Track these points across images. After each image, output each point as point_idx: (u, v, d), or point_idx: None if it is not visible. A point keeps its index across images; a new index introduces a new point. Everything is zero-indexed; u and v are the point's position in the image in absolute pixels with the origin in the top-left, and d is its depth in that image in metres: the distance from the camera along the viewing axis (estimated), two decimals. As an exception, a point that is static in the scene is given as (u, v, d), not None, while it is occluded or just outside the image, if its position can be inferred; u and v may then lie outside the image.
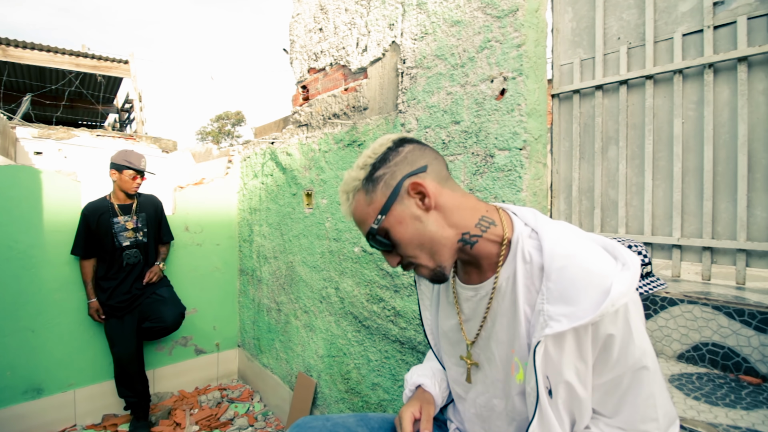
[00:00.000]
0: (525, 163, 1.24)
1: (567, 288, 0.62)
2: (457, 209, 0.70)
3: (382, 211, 0.68)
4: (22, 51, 4.48)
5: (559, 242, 0.65)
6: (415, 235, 0.69)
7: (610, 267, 0.61)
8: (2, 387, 2.14)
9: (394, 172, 0.69)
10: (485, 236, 0.71)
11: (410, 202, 0.69)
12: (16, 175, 2.20)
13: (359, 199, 0.71)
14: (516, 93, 1.25)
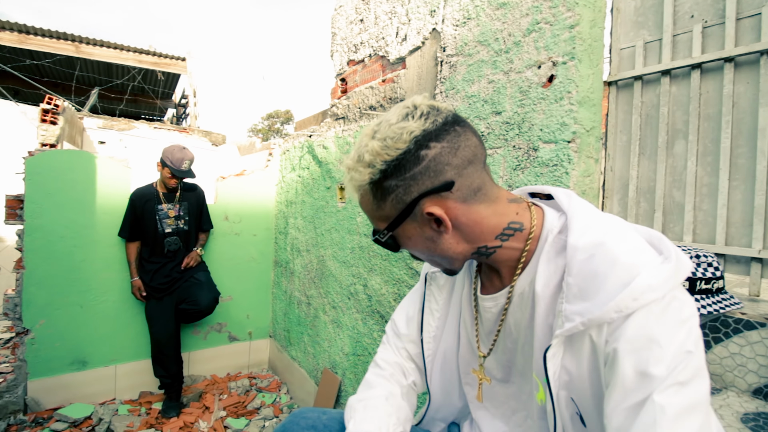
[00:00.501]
0: (573, 158, 1.11)
1: (588, 281, 0.51)
2: (480, 223, 0.59)
3: (391, 225, 0.59)
4: (92, 48, 4.88)
5: (588, 231, 0.54)
6: (425, 251, 0.62)
7: (646, 258, 0.49)
8: (52, 357, 2.29)
9: (409, 186, 0.55)
10: (506, 245, 0.60)
11: (424, 224, 0.58)
12: (73, 159, 2.35)
13: (366, 198, 0.60)
14: (566, 79, 1.12)
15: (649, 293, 0.46)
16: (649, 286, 0.46)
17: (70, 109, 3.68)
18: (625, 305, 0.46)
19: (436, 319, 0.77)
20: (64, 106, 3.39)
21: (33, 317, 2.23)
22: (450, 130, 0.56)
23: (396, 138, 0.54)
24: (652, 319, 0.46)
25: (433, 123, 0.55)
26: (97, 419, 2.20)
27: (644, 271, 0.47)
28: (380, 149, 0.55)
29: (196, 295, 2.40)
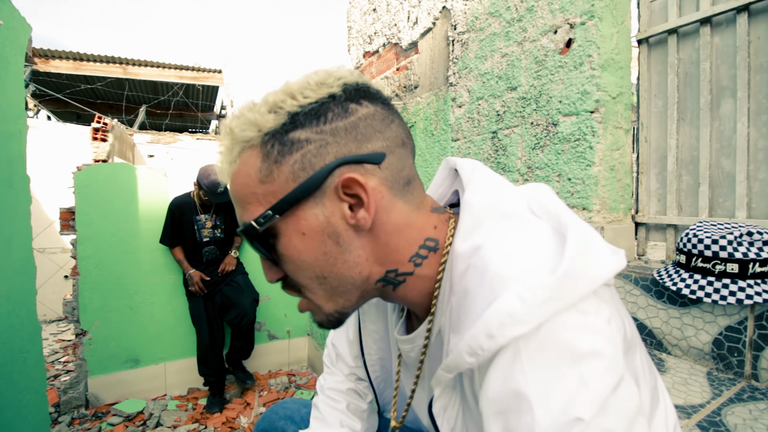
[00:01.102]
0: (598, 130, 0.99)
1: (460, 304, 0.37)
2: (400, 232, 0.43)
3: (279, 204, 0.40)
4: (138, 68, 5.25)
5: (474, 229, 0.39)
6: (320, 260, 0.41)
7: (524, 265, 0.34)
8: (108, 356, 2.46)
9: (325, 144, 0.39)
10: (417, 272, 0.44)
11: (335, 206, 0.40)
12: (115, 171, 2.51)
13: (248, 162, 0.41)
14: (585, 42, 1.00)
15: (511, 327, 0.31)
16: (511, 315, 0.31)
17: (119, 126, 3.96)
18: (479, 346, 0.32)
19: (376, 341, 0.62)
20: (112, 124, 3.66)
21: (89, 319, 2.41)
22: (384, 101, 0.44)
23: (320, 81, 0.41)
24: (519, 363, 0.31)
25: (367, 84, 0.44)
26: (148, 414, 2.34)
27: (509, 289, 0.32)
28: (296, 89, 0.40)
29: (236, 299, 2.50)
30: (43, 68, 4.86)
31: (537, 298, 0.31)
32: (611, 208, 1.03)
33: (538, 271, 0.33)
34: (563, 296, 0.31)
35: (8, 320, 1.22)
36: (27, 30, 1.41)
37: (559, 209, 0.39)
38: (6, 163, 1.24)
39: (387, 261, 0.43)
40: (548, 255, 0.34)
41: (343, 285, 0.43)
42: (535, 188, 0.45)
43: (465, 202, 0.42)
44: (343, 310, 0.45)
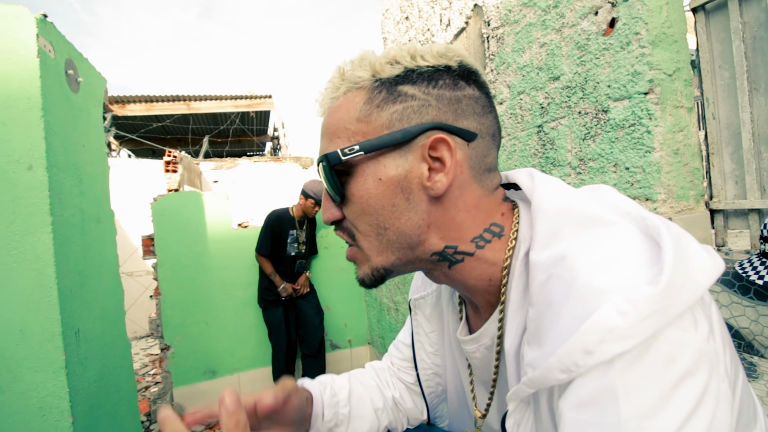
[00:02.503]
0: (654, 112, 0.91)
1: (543, 315, 0.35)
2: (468, 213, 0.43)
3: (367, 144, 0.41)
4: (199, 103, 5.77)
5: (553, 238, 0.37)
6: (386, 209, 0.42)
7: (619, 276, 0.31)
8: (189, 368, 2.69)
9: (428, 104, 0.41)
10: (479, 254, 0.43)
11: (416, 164, 0.41)
12: (185, 199, 2.75)
13: (352, 100, 0.42)
14: (631, 19, 0.93)
15: (612, 344, 0.28)
16: (611, 331, 0.28)
17: (186, 157, 4.35)
18: (574, 362, 0.30)
19: (430, 355, 0.61)
20: (181, 156, 4.02)
21: (171, 335, 2.65)
22: (488, 93, 0.46)
23: (441, 52, 0.43)
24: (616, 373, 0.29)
25: (479, 72, 0.45)
26: (227, 422, 2.51)
27: (608, 303, 0.29)
28: (418, 51, 0.42)
29: (307, 315, 2.68)
30: (120, 113, 5.50)
31: (640, 312, 0.28)
32: (679, 196, 0.93)
33: (635, 282, 0.30)
34: (667, 310, 0.29)
35: (102, 339, 1.39)
36: (103, 83, 1.61)
37: (640, 209, 0.37)
38: (93, 202, 1.42)
39: (448, 236, 0.43)
40: (643, 263, 0.31)
41: (399, 241, 0.43)
42: (595, 190, 0.43)
43: (537, 209, 0.40)
44: (390, 266, 0.44)
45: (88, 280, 1.33)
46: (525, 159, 1.32)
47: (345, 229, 0.46)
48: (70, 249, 1.23)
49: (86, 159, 1.40)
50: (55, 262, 1.13)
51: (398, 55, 0.42)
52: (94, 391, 1.29)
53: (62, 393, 1.15)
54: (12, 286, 1.11)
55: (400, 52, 0.43)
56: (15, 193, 1.11)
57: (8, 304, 1.10)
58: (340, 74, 0.44)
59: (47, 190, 1.13)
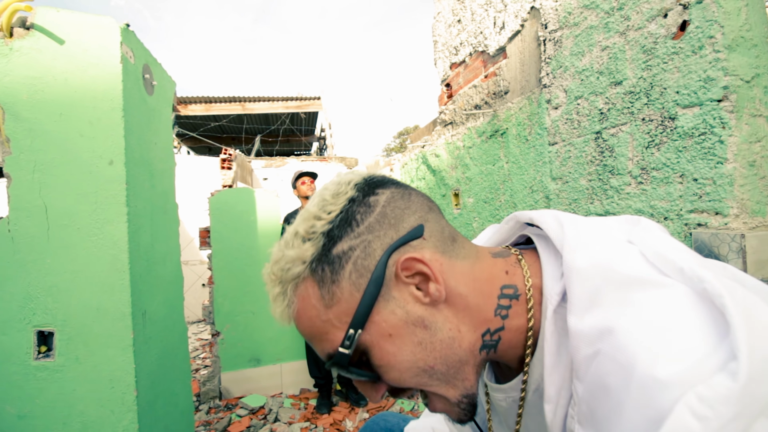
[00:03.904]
0: (729, 120, 0.85)
1: (597, 400, 0.32)
2: (473, 291, 0.41)
3: (356, 320, 0.39)
4: (253, 104, 6.07)
5: (593, 302, 0.34)
6: (418, 353, 0.39)
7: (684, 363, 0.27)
8: (235, 354, 2.84)
9: (368, 244, 0.40)
10: (508, 326, 0.41)
11: (404, 293, 0.40)
12: (238, 194, 2.91)
13: (306, 295, 0.40)
14: (704, 22, 0.87)
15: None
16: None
17: (240, 155, 4.59)
18: None
19: None
20: (235, 154, 4.26)
21: (222, 322, 2.82)
22: (390, 181, 0.44)
23: (334, 192, 0.42)
24: None
25: (372, 176, 0.45)
26: (268, 409, 2.62)
27: (681, 404, 0.26)
28: (317, 211, 0.41)
29: None
30: (183, 112, 5.91)
31: (722, 417, 0.25)
32: (754, 211, 0.86)
33: (706, 371, 0.26)
34: (751, 407, 0.25)
35: (164, 322, 1.51)
36: (172, 85, 1.74)
37: (692, 264, 0.32)
38: (162, 195, 1.55)
39: (477, 325, 0.41)
40: (708, 341, 0.28)
41: (452, 366, 0.41)
42: (635, 224, 0.39)
43: (570, 267, 0.37)
44: (468, 392, 0.42)
45: (155, 266, 1.45)
46: (580, 166, 1.27)
47: (401, 390, 0.43)
48: (141, 237, 1.35)
49: (157, 155, 1.52)
50: (129, 249, 1.25)
51: (308, 228, 0.41)
52: (155, 369, 1.41)
53: (129, 368, 1.26)
54: (91, 269, 1.23)
55: (306, 225, 0.41)
56: (97, 185, 1.24)
57: (88, 285, 1.23)
58: (278, 281, 0.41)
59: (125, 183, 1.25)
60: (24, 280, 1.19)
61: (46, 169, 1.19)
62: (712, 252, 0.87)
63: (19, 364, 1.19)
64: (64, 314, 1.21)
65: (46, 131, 1.20)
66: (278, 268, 0.41)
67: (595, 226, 0.40)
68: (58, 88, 1.21)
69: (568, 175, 1.32)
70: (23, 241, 1.18)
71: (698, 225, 0.92)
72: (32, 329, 1.20)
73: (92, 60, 1.24)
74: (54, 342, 1.21)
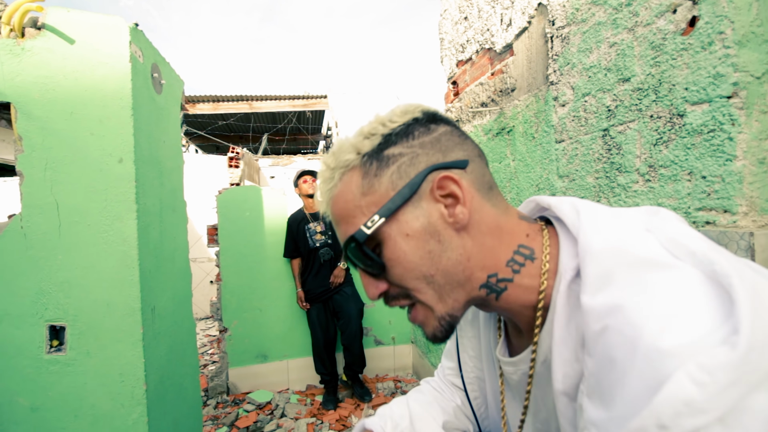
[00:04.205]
0: (738, 117, 0.84)
1: (604, 371, 0.33)
2: (493, 235, 0.44)
3: (384, 210, 0.43)
4: (260, 102, 6.10)
5: (605, 281, 0.35)
6: (425, 260, 0.43)
7: (688, 335, 0.28)
8: (243, 350, 2.87)
9: (416, 155, 0.44)
10: (517, 279, 0.44)
11: (432, 207, 0.43)
12: (245, 192, 2.94)
13: (350, 182, 0.45)
14: (714, 17, 0.86)
15: (690, 418, 0.26)
16: (687, 404, 0.26)
17: (247, 154, 4.62)
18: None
19: (472, 358, 0.62)
20: (242, 152, 4.29)
21: (229, 318, 2.85)
22: (454, 124, 0.48)
23: (404, 110, 0.47)
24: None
25: (441, 113, 0.49)
26: (275, 404, 2.65)
27: (681, 371, 0.27)
28: (387, 118, 0.47)
29: (344, 307, 2.74)
30: (191, 111, 5.96)
31: (718, 382, 0.26)
32: (763, 209, 0.85)
33: (708, 343, 0.27)
34: (750, 375, 0.26)
35: (173, 317, 1.53)
36: (181, 84, 1.76)
37: (704, 248, 0.33)
38: (170, 192, 1.57)
39: (486, 264, 0.44)
40: (713, 317, 0.29)
41: (450, 283, 0.44)
42: (653, 214, 0.41)
43: (585, 249, 0.38)
44: (452, 312, 0.45)
45: (164, 262, 1.47)
46: (587, 163, 1.26)
47: (397, 296, 0.47)
48: (151, 234, 1.37)
49: (165, 154, 1.54)
50: (138, 246, 1.27)
51: (371, 129, 0.46)
52: (164, 363, 1.43)
53: (139, 363, 1.28)
54: (102, 265, 1.25)
55: (371, 126, 0.47)
56: (107, 183, 1.26)
57: (98, 281, 1.25)
58: (329, 166, 0.47)
59: (134, 181, 1.27)
60: (36, 276, 1.21)
61: (57, 167, 1.22)
62: (720, 250, 0.86)
63: (31, 358, 1.21)
64: (76, 309, 1.23)
65: (57, 130, 1.22)
66: (335, 155, 0.47)
67: (614, 214, 0.42)
68: (68, 87, 1.23)
69: (575, 173, 1.31)
70: (35, 237, 1.21)
71: (706, 223, 0.91)
72: (44, 324, 1.22)
73: (102, 59, 1.26)
74: (65, 336, 1.24)
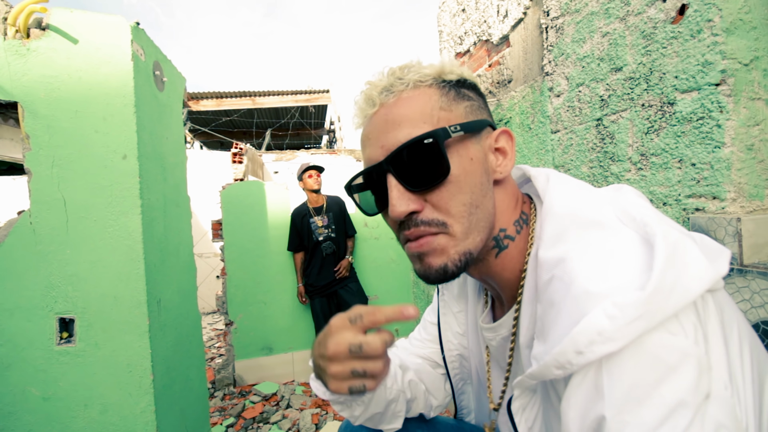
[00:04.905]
0: (726, 104, 0.85)
1: (546, 313, 0.38)
2: (510, 196, 0.50)
3: (465, 125, 0.45)
4: (263, 98, 6.13)
5: (557, 239, 0.40)
6: (476, 187, 0.45)
7: (611, 281, 0.33)
8: (248, 343, 2.92)
9: (480, 108, 0.50)
10: (517, 240, 0.49)
11: (487, 150, 0.48)
12: (249, 188, 2.97)
13: (425, 93, 0.46)
14: (703, 5, 0.87)
15: (600, 345, 0.31)
16: (600, 333, 0.31)
17: (251, 149, 4.65)
18: (567, 361, 0.33)
19: (458, 336, 0.65)
20: (246, 148, 4.32)
21: (234, 312, 2.90)
22: None
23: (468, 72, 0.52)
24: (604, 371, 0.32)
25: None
26: (280, 396, 2.70)
27: (598, 307, 0.32)
28: (462, 69, 0.51)
29: (349, 302, 2.78)
30: (195, 108, 6.00)
31: (626, 316, 0.31)
32: (751, 195, 0.86)
33: (626, 288, 0.32)
34: (653, 314, 0.31)
35: (178, 310, 1.57)
36: (182, 81, 1.79)
37: (645, 215, 0.38)
38: (174, 188, 1.60)
39: (501, 219, 0.49)
40: (636, 269, 0.33)
41: (484, 221, 0.46)
42: (617, 190, 0.45)
43: (547, 210, 0.44)
44: (474, 250, 0.46)
45: (168, 256, 1.50)
46: (582, 153, 1.27)
47: (429, 221, 0.45)
48: (155, 229, 1.40)
49: (168, 150, 1.57)
50: (143, 240, 1.30)
51: (453, 67, 0.50)
52: (170, 354, 1.47)
53: (145, 354, 1.32)
54: (108, 259, 1.29)
55: (451, 66, 0.50)
56: (112, 179, 1.29)
57: (105, 274, 1.29)
58: (399, 78, 0.47)
59: (138, 177, 1.30)
60: (46, 270, 1.25)
61: (63, 164, 1.25)
62: (709, 236, 0.87)
63: (42, 350, 1.26)
64: (84, 302, 1.27)
65: (62, 128, 1.25)
66: (409, 68, 0.48)
67: (581, 186, 0.46)
68: (73, 86, 1.26)
69: (570, 163, 1.33)
70: (44, 232, 1.25)
71: (696, 210, 0.92)
72: (54, 316, 1.26)
73: (105, 58, 1.29)
74: (75, 328, 1.28)
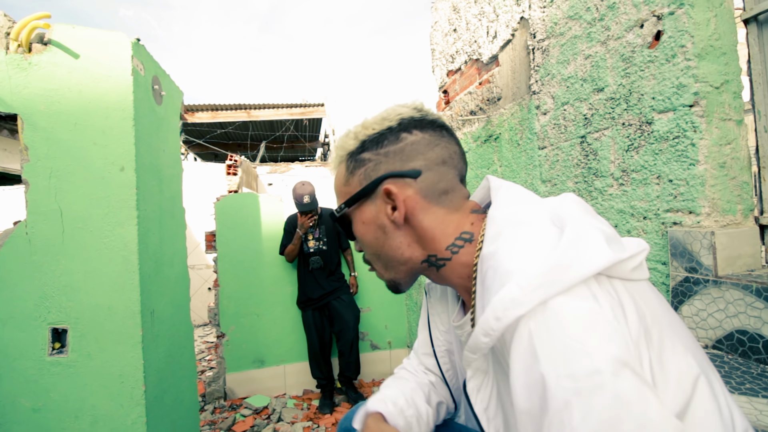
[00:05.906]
0: (699, 125, 0.90)
1: (482, 298, 0.45)
2: (434, 228, 0.54)
3: (349, 201, 0.57)
4: (258, 111, 6.19)
5: (497, 236, 0.46)
6: (373, 242, 0.58)
7: (526, 260, 0.40)
8: (240, 356, 2.90)
9: (379, 163, 0.55)
10: (455, 259, 0.54)
11: (381, 207, 0.56)
12: (243, 199, 2.99)
13: (340, 172, 0.60)
14: (677, 32, 0.93)
15: (513, 309, 0.37)
16: (512, 300, 0.37)
17: (245, 161, 4.68)
18: (490, 327, 0.39)
19: (443, 333, 0.69)
20: (240, 160, 4.35)
21: (227, 324, 2.88)
22: (437, 129, 0.56)
23: (386, 116, 0.57)
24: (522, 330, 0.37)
25: (424, 116, 0.57)
26: (272, 409, 2.67)
27: (512, 281, 0.38)
28: (369, 123, 0.58)
29: (342, 313, 2.77)
30: (190, 120, 6.04)
31: (532, 284, 0.37)
32: (725, 210, 0.91)
33: (536, 264, 0.39)
34: (554, 282, 0.37)
35: (171, 321, 1.57)
36: (180, 95, 1.82)
37: (570, 213, 0.44)
38: (169, 199, 1.62)
39: (428, 246, 0.56)
40: (547, 250, 0.40)
41: (391, 261, 0.58)
42: (562, 198, 0.50)
43: (490, 216, 0.50)
44: (396, 279, 0.59)
45: (163, 267, 1.52)
46: (567, 169, 1.33)
47: (365, 258, 0.62)
48: (150, 240, 1.42)
49: (165, 162, 1.60)
50: (139, 251, 1.32)
51: (357, 131, 0.58)
52: (162, 365, 1.47)
53: (138, 364, 1.32)
54: (104, 270, 1.30)
55: (358, 128, 0.58)
56: (109, 190, 1.31)
57: (99, 284, 1.30)
58: (335, 153, 0.61)
59: (135, 189, 1.32)
60: (40, 280, 1.26)
61: (61, 176, 1.27)
62: (685, 249, 0.91)
63: (34, 360, 1.26)
64: (77, 312, 1.28)
65: (61, 140, 1.27)
66: (337, 146, 0.61)
67: (528, 196, 0.52)
68: (73, 100, 1.29)
69: (557, 178, 1.38)
70: (40, 243, 1.26)
71: (674, 223, 0.97)
72: (47, 326, 1.26)
73: (105, 73, 1.32)
74: (67, 339, 1.28)
